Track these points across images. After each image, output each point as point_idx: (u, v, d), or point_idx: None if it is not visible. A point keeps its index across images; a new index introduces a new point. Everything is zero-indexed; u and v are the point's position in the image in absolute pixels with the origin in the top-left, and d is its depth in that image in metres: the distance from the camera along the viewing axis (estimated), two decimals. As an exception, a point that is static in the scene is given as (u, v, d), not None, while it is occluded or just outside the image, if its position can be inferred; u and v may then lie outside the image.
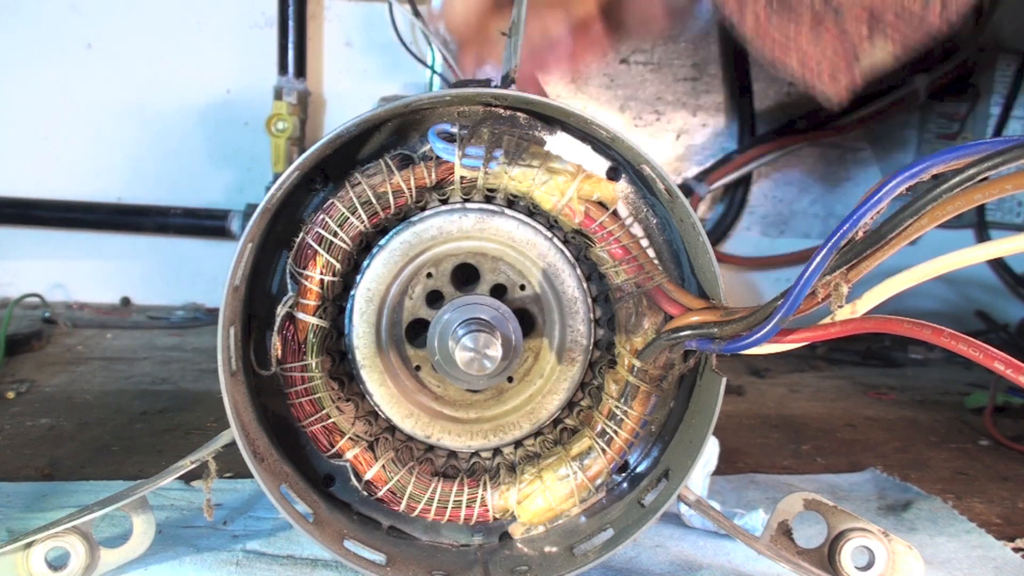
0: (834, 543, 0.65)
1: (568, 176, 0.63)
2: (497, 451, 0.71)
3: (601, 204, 0.64)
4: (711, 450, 0.81)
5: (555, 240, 0.67)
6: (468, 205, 0.67)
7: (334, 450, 0.67)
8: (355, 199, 0.63)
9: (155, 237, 1.76)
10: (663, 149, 1.82)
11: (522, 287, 0.69)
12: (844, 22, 0.81)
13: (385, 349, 0.68)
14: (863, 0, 0.80)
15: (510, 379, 0.71)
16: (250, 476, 0.61)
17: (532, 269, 0.68)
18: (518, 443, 0.71)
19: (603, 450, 0.67)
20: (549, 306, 0.69)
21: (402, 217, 0.66)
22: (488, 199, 0.67)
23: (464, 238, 0.67)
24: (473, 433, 0.70)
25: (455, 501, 0.67)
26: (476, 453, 0.71)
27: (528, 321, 0.70)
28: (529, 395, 0.71)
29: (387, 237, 0.67)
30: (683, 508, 0.77)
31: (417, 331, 0.70)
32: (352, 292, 0.67)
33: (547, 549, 0.67)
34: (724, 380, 0.61)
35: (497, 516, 0.68)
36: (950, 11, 0.79)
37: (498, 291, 0.70)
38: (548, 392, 0.70)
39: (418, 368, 0.70)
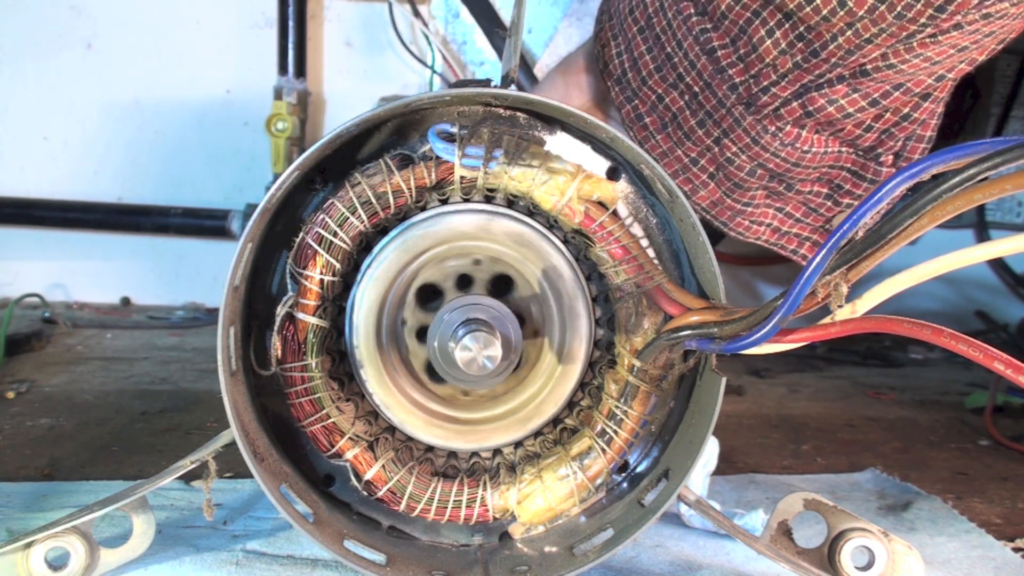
0: (834, 543, 0.65)
1: (568, 176, 0.63)
2: (497, 451, 0.71)
3: (601, 204, 0.64)
4: (711, 450, 0.81)
5: (555, 240, 0.67)
6: (468, 205, 0.67)
7: (334, 450, 0.67)
8: (355, 199, 0.63)
9: (155, 237, 1.76)
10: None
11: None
12: (802, 193, 0.79)
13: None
14: (811, 173, 0.77)
15: (510, 379, 0.71)
16: (250, 476, 0.61)
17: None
18: (518, 443, 0.71)
19: (603, 450, 0.67)
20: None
21: (402, 217, 0.66)
22: (488, 199, 0.67)
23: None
24: (473, 433, 0.70)
25: (455, 501, 0.67)
26: (476, 453, 0.71)
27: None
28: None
29: (387, 237, 0.67)
30: (683, 508, 0.77)
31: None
32: (352, 292, 0.67)
33: (547, 549, 0.67)
34: (724, 380, 0.61)
35: (497, 516, 0.68)
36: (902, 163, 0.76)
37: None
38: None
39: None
